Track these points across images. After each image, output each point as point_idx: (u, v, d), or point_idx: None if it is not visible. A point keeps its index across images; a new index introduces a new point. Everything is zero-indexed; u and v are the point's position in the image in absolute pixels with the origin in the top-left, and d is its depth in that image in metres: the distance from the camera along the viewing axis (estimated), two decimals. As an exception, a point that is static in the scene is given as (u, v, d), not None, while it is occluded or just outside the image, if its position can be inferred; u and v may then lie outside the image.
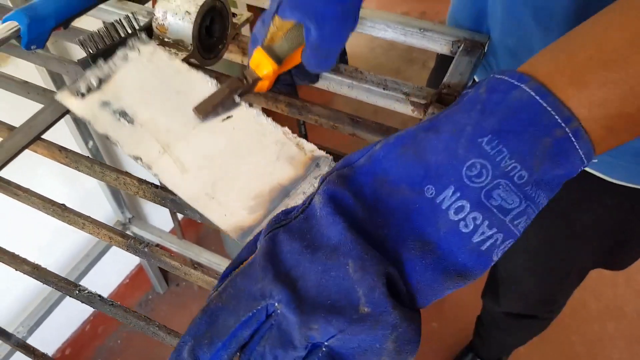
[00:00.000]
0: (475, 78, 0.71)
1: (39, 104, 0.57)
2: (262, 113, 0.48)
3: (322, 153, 0.45)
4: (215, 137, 0.47)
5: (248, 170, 0.44)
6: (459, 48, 0.61)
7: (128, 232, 1.52)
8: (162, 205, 0.46)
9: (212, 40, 0.60)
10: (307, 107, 0.56)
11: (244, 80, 0.50)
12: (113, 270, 1.60)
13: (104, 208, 1.43)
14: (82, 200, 1.33)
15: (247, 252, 0.35)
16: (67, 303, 1.36)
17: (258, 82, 0.51)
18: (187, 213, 0.47)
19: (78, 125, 1.18)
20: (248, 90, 0.51)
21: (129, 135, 0.48)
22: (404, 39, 0.65)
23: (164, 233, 1.53)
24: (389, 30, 0.65)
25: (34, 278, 0.43)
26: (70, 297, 0.42)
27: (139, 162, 0.45)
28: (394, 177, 0.33)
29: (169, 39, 0.57)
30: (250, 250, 0.35)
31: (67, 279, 0.42)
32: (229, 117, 0.49)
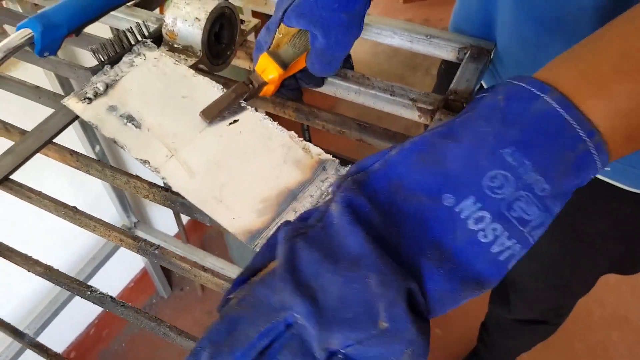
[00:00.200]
0: (483, 83, 0.71)
1: (48, 109, 0.58)
2: (267, 117, 0.49)
3: (328, 156, 0.46)
4: (222, 140, 0.48)
5: (255, 174, 0.45)
6: (465, 55, 0.61)
7: (133, 236, 1.53)
8: (171, 209, 0.47)
9: (220, 47, 0.61)
10: (314, 112, 0.56)
11: (250, 85, 0.51)
12: (117, 274, 1.61)
13: (110, 212, 1.44)
14: (88, 205, 1.34)
15: (261, 259, 0.34)
16: (72, 307, 1.37)
17: (264, 86, 0.52)
18: (196, 216, 0.48)
19: (85, 130, 1.19)
20: (254, 95, 0.52)
21: (136, 139, 0.48)
22: (410, 46, 0.65)
23: (169, 237, 1.53)
24: (395, 37, 0.66)
25: (46, 279, 0.44)
26: (82, 298, 0.42)
27: (147, 165, 0.46)
28: (410, 183, 0.32)
29: (179, 45, 0.58)
30: (264, 257, 0.34)
31: (79, 280, 0.43)
32: (235, 121, 0.49)
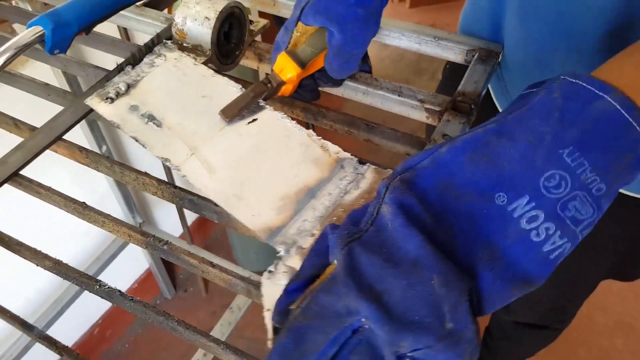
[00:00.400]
0: (490, 88, 0.71)
1: (55, 108, 0.58)
2: (286, 116, 0.50)
3: (346, 155, 0.46)
4: (242, 139, 0.48)
5: (274, 172, 0.45)
6: (474, 57, 0.61)
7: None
8: (180, 206, 0.47)
9: (229, 46, 0.62)
10: (322, 112, 0.57)
11: (269, 84, 0.52)
12: (122, 276, 1.61)
13: (115, 213, 1.44)
14: (94, 205, 1.34)
15: (311, 264, 0.34)
16: (75, 307, 1.37)
17: (282, 86, 0.52)
18: (204, 213, 0.48)
19: (92, 130, 1.20)
20: (272, 94, 0.52)
21: (157, 138, 0.49)
22: (418, 47, 0.66)
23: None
24: (403, 39, 0.66)
25: (55, 273, 0.44)
26: (91, 292, 0.43)
27: (168, 163, 0.47)
28: (461, 181, 0.32)
29: (188, 44, 0.58)
30: (314, 262, 0.34)
31: (87, 274, 0.43)
32: (254, 120, 0.50)
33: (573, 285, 0.90)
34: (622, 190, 0.64)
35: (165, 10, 0.89)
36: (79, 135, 1.21)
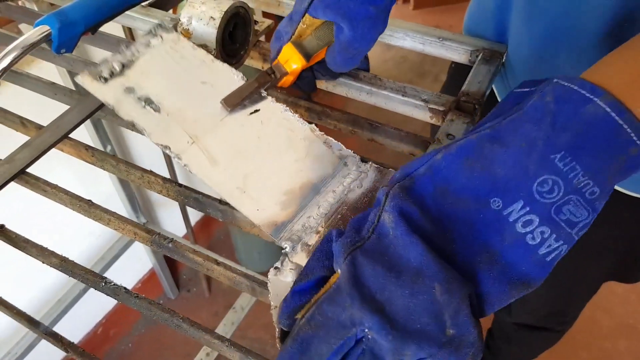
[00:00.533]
0: (494, 87, 0.71)
1: (60, 108, 0.59)
2: (288, 109, 0.49)
3: (349, 152, 0.46)
4: (244, 130, 0.47)
5: (278, 166, 0.45)
6: (478, 57, 0.61)
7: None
8: (185, 204, 0.47)
9: (234, 46, 0.62)
10: (326, 111, 0.57)
11: (272, 75, 0.51)
12: (125, 275, 1.62)
13: (119, 213, 1.44)
14: (98, 204, 1.34)
15: (315, 264, 0.35)
16: (79, 306, 1.38)
17: (284, 76, 0.52)
18: (209, 211, 0.49)
19: (97, 130, 1.21)
20: (274, 85, 0.52)
21: (156, 124, 0.47)
22: (422, 48, 0.66)
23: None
24: (408, 39, 0.66)
25: (61, 271, 0.44)
26: (96, 289, 0.43)
27: (168, 150, 0.45)
28: (457, 187, 0.33)
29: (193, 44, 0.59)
30: (322, 265, 0.35)
31: (93, 271, 0.43)
32: (256, 110, 0.49)
33: (572, 286, 0.90)
34: (620, 189, 0.64)
35: (171, 11, 0.90)
36: (84, 135, 1.21)
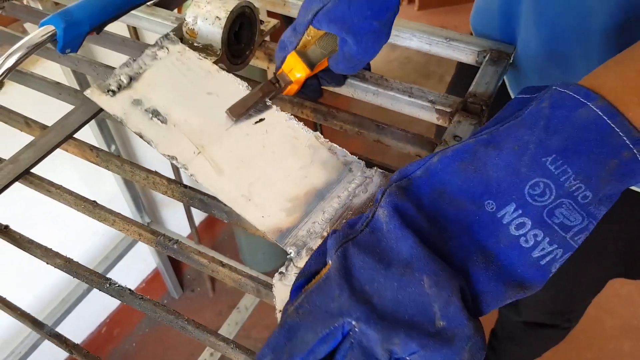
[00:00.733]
0: (509, 90, 0.71)
1: (64, 108, 0.58)
2: (292, 117, 0.49)
3: (353, 158, 0.46)
4: (249, 139, 0.48)
5: (283, 173, 0.45)
6: (485, 58, 0.61)
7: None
8: (190, 205, 0.47)
9: (240, 46, 0.62)
10: (332, 112, 0.57)
11: (277, 84, 0.52)
12: (129, 275, 1.62)
13: (124, 213, 1.43)
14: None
15: (313, 263, 0.35)
16: (83, 306, 1.38)
17: (289, 85, 0.52)
18: (213, 212, 0.48)
19: (101, 130, 1.21)
20: (278, 94, 0.52)
21: (163, 135, 0.48)
22: (429, 48, 0.65)
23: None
24: (414, 39, 0.66)
25: (65, 272, 0.44)
26: (101, 290, 0.43)
27: (175, 161, 0.46)
28: (453, 189, 0.33)
29: (199, 44, 0.58)
30: (318, 261, 0.35)
31: (98, 273, 0.43)
32: (261, 119, 0.49)
33: (575, 285, 0.90)
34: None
35: (176, 10, 0.90)
36: (89, 135, 1.21)
